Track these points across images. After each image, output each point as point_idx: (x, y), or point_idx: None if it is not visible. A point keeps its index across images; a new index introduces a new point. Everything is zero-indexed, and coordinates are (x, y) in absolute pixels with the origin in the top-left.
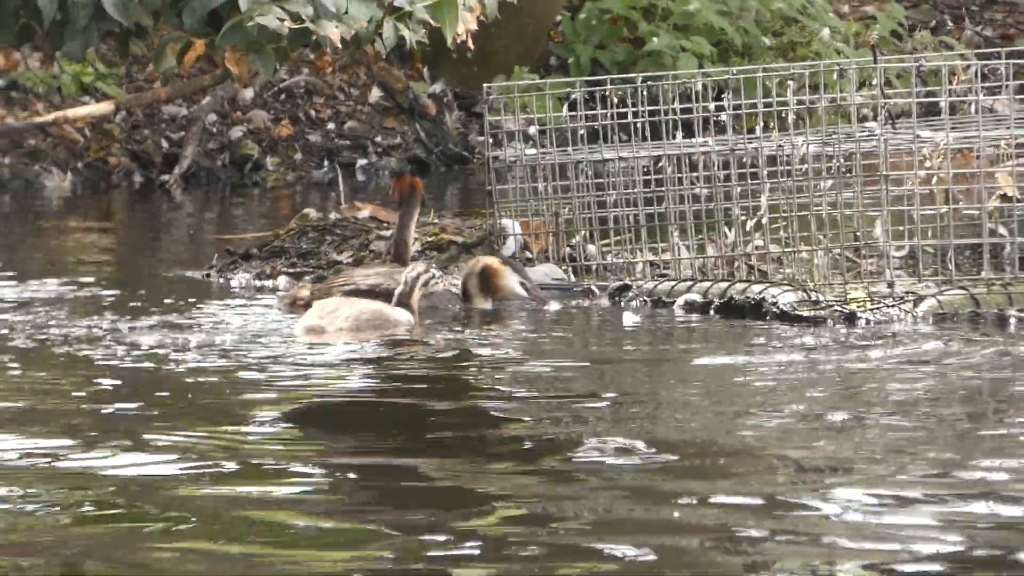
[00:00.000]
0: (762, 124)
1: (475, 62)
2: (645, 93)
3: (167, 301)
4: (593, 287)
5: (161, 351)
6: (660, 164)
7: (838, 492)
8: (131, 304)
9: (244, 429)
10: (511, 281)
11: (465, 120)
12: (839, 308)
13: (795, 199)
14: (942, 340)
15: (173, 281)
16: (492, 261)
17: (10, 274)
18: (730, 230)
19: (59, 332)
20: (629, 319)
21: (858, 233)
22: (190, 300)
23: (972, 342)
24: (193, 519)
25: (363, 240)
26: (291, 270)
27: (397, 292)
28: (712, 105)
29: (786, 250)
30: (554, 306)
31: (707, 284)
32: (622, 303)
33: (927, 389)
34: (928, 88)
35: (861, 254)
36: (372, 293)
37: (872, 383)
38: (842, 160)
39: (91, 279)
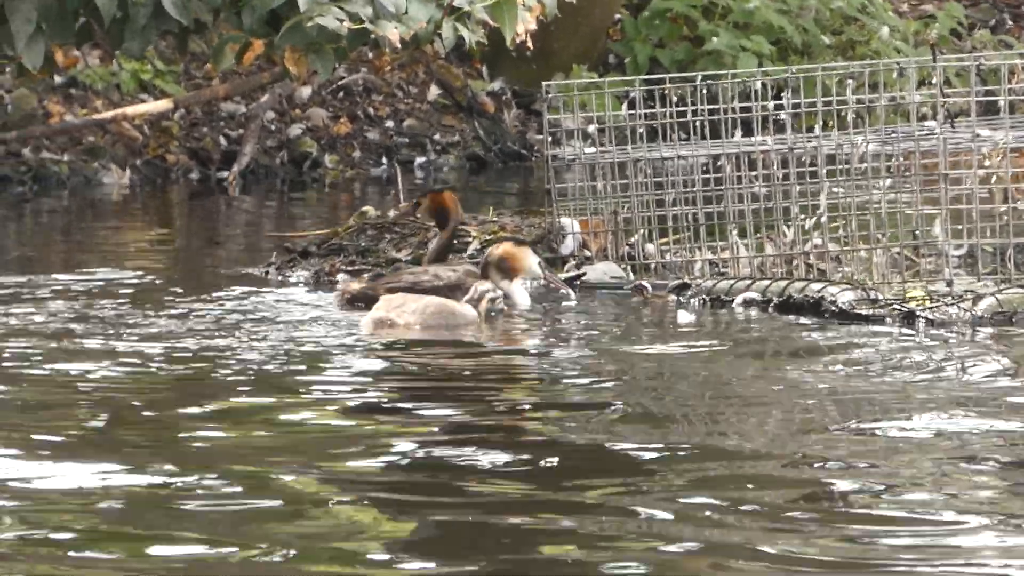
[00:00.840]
0: (821, 123)
1: (534, 60)
2: (704, 92)
3: (225, 296)
4: (644, 283)
5: (220, 345)
6: (719, 163)
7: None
8: (189, 300)
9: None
10: (531, 261)
11: (524, 118)
12: (898, 307)
13: (854, 198)
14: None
15: (232, 278)
16: (506, 245)
17: (69, 271)
18: (789, 229)
19: (116, 327)
20: (684, 317)
21: (917, 232)
22: (250, 295)
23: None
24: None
25: (422, 238)
26: (350, 268)
27: (466, 297)
28: (772, 104)
29: (844, 248)
30: (573, 296)
31: (766, 282)
32: (680, 301)
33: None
34: (987, 87)
35: (919, 253)
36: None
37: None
38: (901, 159)
39: (151, 276)
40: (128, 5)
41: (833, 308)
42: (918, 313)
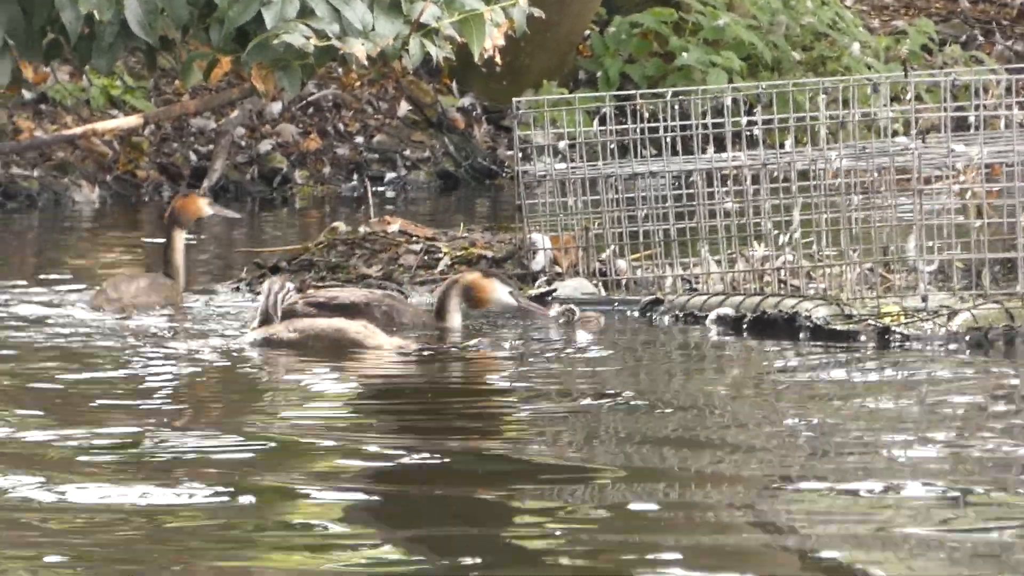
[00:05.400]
0: (794, 139)
1: (504, 76)
2: (675, 107)
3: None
4: (572, 306)
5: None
6: (691, 178)
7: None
8: (158, 318)
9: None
10: (500, 293)
11: (494, 134)
12: (873, 322)
13: (826, 214)
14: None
15: (202, 293)
16: (474, 276)
17: (41, 289)
18: (760, 244)
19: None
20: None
21: (891, 247)
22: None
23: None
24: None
25: (392, 254)
26: (320, 283)
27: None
28: (744, 119)
29: (816, 264)
30: (552, 313)
31: (739, 298)
32: (654, 317)
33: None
34: (958, 103)
35: (891, 269)
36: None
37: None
38: (875, 174)
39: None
40: (95, 23)
41: (808, 323)
42: (893, 328)
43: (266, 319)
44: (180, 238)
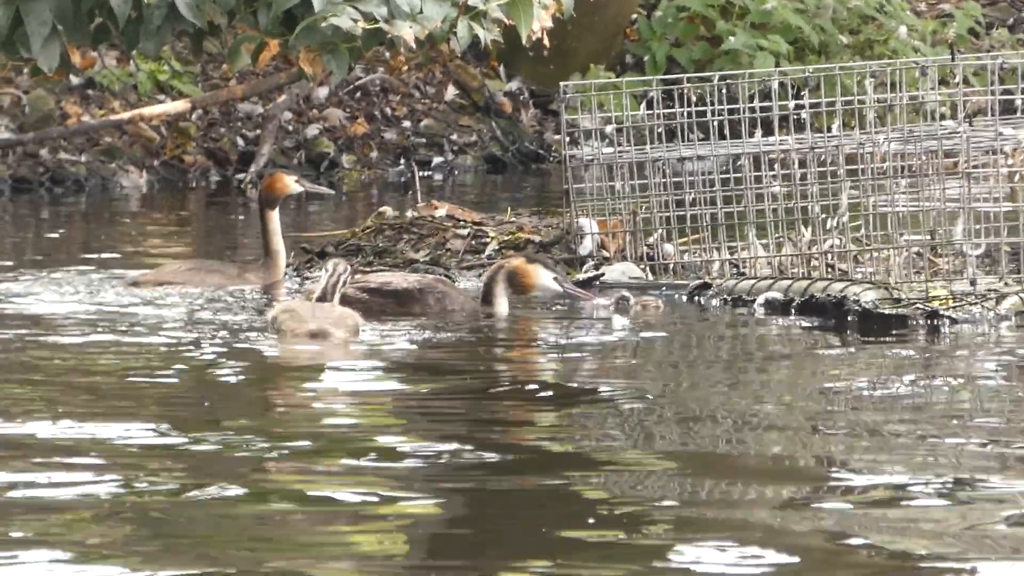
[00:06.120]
0: (841, 122)
1: (551, 60)
2: (723, 91)
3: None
4: (626, 294)
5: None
6: (738, 162)
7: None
8: (205, 302)
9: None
10: (545, 279)
11: (541, 118)
12: (921, 306)
13: (874, 197)
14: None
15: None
16: (518, 261)
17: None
18: (807, 228)
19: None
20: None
21: (938, 231)
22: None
23: None
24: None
25: (439, 239)
26: (367, 268)
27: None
28: (792, 103)
29: (864, 248)
30: (600, 300)
31: (787, 282)
32: (702, 301)
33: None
34: (1005, 86)
35: (937, 253)
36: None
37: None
38: (922, 158)
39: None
40: (143, 6)
41: (856, 307)
42: (941, 312)
43: (322, 299)
44: (274, 219)
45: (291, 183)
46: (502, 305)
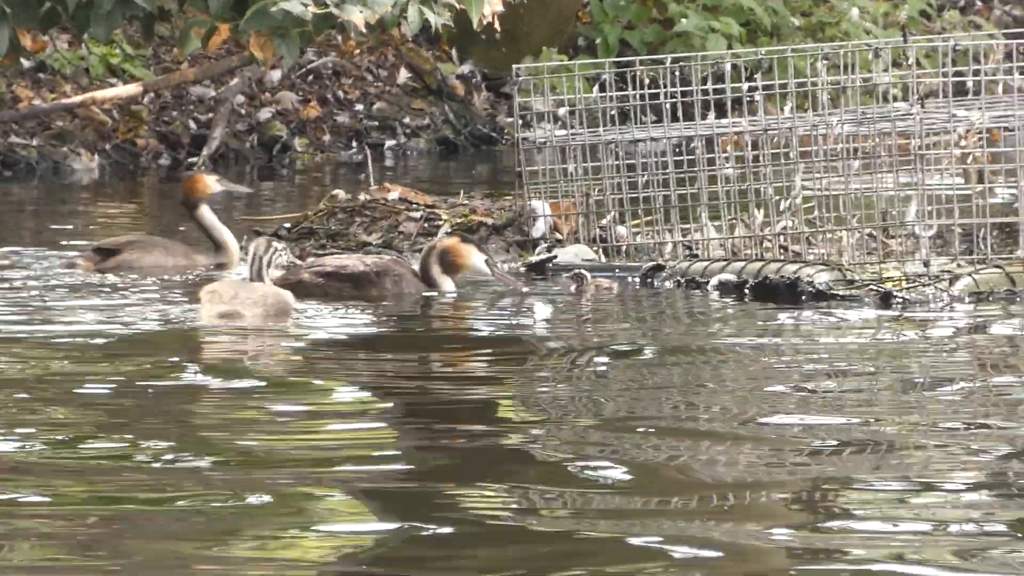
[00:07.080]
0: (794, 104)
1: (503, 43)
2: (676, 74)
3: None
4: (584, 272)
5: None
6: (691, 144)
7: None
8: (154, 287)
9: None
10: (476, 260)
11: (494, 101)
12: (875, 287)
13: (827, 179)
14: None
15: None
16: (452, 240)
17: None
18: (760, 210)
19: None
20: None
21: (892, 212)
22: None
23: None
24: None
25: (392, 221)
26: (320, 251)
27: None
28: (745, 85)
29: (816, 229)
30: (525, 290)
31: (741, 264)
32: (655, 283)
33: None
34: (957, 68)
35: (889, 234)
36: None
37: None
38: (875, 140)
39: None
40: None
41: (810, 289)
42: (895, 293)
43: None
44: (206, 215)
45: (212, 183)
46: (446, 283)
